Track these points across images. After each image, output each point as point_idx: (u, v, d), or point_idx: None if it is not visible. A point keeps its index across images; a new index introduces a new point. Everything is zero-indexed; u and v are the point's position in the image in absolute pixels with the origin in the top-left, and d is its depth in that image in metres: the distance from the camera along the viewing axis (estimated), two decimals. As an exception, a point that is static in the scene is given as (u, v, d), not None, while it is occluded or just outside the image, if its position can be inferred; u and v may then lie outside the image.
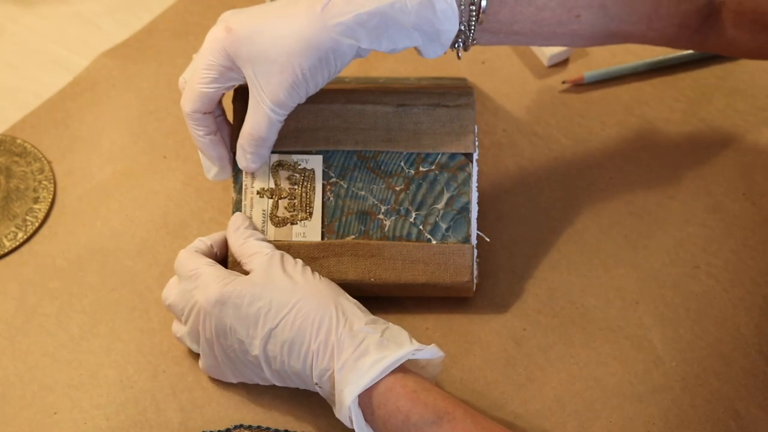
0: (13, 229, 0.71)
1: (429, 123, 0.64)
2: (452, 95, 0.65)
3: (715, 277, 0.68)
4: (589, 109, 0.78)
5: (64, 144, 0.76)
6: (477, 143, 0.64)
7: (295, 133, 0.64)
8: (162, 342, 0.65)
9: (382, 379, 0.55)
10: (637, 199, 0.72)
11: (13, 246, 0.70)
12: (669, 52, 0.80)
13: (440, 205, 0.64)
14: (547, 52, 0.79)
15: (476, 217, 0.64)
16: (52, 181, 0.73)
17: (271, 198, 0.64)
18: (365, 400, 0.56)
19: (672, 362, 0.64)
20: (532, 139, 0.76)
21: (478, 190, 0.64)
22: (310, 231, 0.63)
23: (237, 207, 0.64)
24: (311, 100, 0.61)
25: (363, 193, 0.64)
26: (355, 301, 0.60)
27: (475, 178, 0.64)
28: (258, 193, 0.64)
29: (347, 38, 0.57)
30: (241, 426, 0.62)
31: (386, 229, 0.64)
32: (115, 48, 0.81)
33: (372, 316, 0.59)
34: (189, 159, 0.75)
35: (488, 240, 0.68)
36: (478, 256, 0.65)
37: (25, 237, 0.70)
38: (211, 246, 0.64)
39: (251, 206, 0.64)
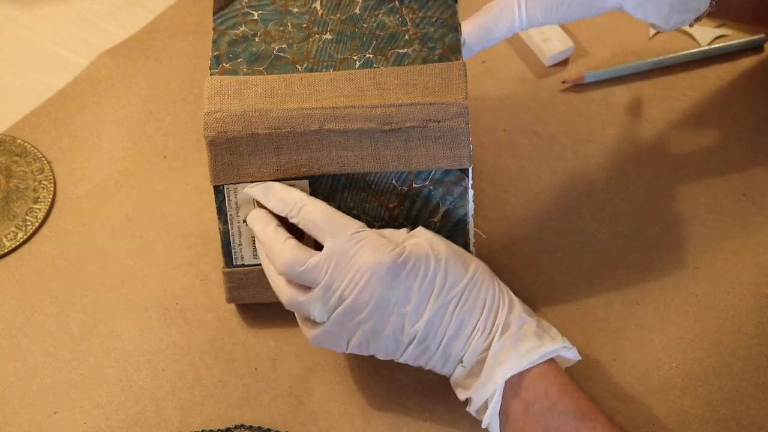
0: (13, 229, 0.71)
1: (419, 140, 0.58)
2: (443, 106, 0.58)
3: (715, 277, 0.68)
4: (589, 109, 0.78)
5: (64, 144, 0.76)
6: (471, 154, 0.60)
7: (275, 161, 0.59)
8: (161, 341, 0.65)
9: (536, 364, 0.56)
10: (637, 199, 0.72)
11: (13, 246, 0.70)
12: (669, 51, 0.80)
13: (436, 219, 0.61)
14: (547, 52, 0.79)
15: (473, 224, 0.62)
16: (52, 181, 0.73)
17: None
18: (511, 380, 0.56)
19: (672, 362, 0.64)
20: (532, 139, 0.76)
21: (476, 189, 0.63)
22: None
23: (225, 237, 0.62)
24: (287, 124, 0.58)
25: (355, 212, 0.61)
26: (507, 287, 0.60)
27: (471, 192, 0.61)
28: (245, 221, 0.61)
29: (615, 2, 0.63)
30: (241, 426, 0.62)
31: None
32: (115, 48, 0.81)
33: (526, 306, 0.59)
34: (189, 159, 0.75)
35: (485, 236, 0.68)
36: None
37: (25, 237, 0.70)
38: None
39: (240, 234, 0.62)
